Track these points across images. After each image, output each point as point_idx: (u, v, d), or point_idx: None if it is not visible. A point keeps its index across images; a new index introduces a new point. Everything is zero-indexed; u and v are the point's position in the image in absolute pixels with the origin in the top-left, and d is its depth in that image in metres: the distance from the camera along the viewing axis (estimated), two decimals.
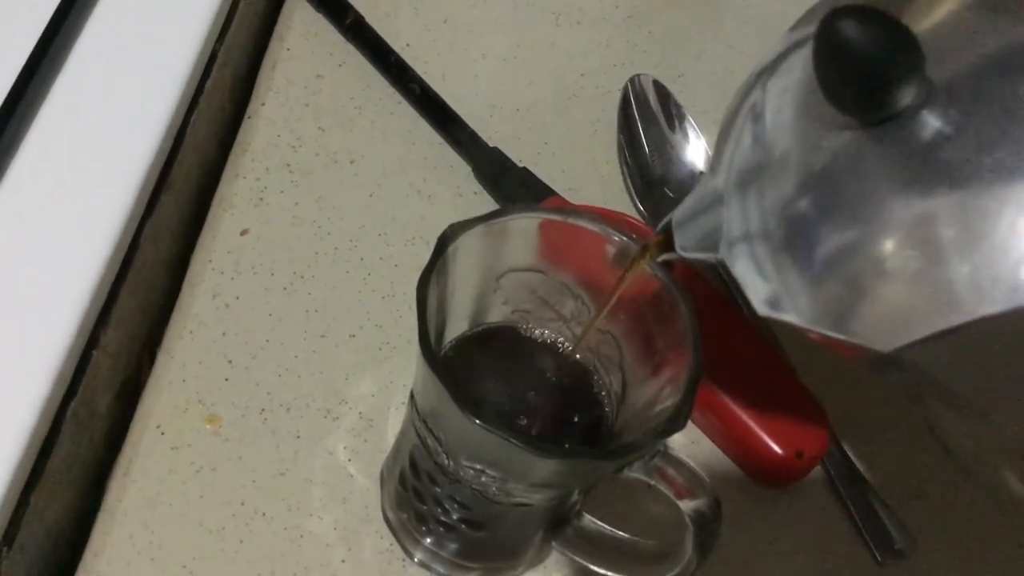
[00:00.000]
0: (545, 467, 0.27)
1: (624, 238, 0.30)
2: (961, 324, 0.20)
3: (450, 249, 0.29)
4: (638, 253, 0.30)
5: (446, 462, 0.30)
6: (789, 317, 0.24)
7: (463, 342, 0.33)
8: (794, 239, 0.23)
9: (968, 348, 0.21)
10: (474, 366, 0.33)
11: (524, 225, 0.31)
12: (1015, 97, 0.20)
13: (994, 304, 0.20)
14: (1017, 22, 0.22)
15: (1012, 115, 0.20)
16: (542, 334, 0.34)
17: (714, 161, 0.27)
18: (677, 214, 0.28)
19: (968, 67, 0.21)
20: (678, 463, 0.28)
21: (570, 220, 0.31)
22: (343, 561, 0.36)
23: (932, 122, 0.21)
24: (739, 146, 0.25)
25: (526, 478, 0.28)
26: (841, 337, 0.23)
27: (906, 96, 0.21)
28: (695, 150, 0.48)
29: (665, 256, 0.29)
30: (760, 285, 0.24)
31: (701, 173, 0.48)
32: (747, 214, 0.24)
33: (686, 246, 0.27)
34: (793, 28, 0.27)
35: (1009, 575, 0.40)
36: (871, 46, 0.20)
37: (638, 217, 0.47)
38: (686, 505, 0.28)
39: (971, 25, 0.22)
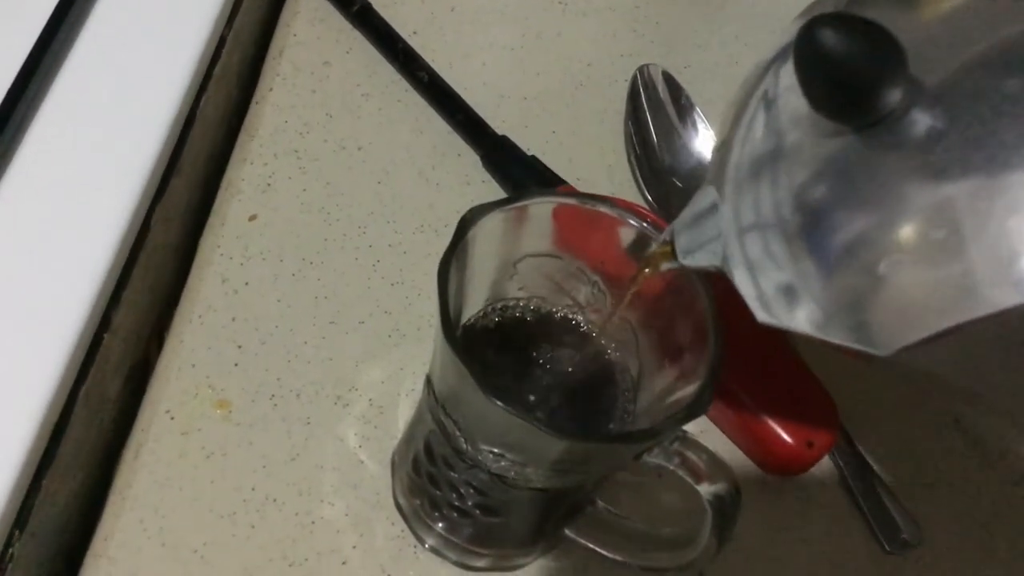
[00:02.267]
0: (566, 451, 0.27)
1: (641, 224, 0.30)
2: (953, 326, 0.20)
3: (470, 233, 0.29)
4: (645, 261, 0.30)
5: (464, 446, 0.30)
6: (798, 313, 0.23)
7: (478, 326, 0.33)
8: (810, 225, 0.23)
9: (964, 347, 0.21)
10: (492, 350, 0.33)
11: (543, 210, 0.31)
12: (1001, 94, 0.20)
13: (985, 305, 0.20)
14: (1003, 19, 0.22)
15: (998, 112, 0.20)
16: (559, 320, 0.34)
17: (716, 157, 0.27)
18: (677, 222, 0.28)
19: (954, 66, 0.21)
20: (698, 447, 0.28)
21: (588, 205, 0.31)
22: (354, 547, 0.36)
23: (920, 123, 0.21)
24: (751, 134, 0.25)
25: (545, 462, 0.28)
26: (848, 340, 0.23)
27: (892, 98, 0.21)
28: (703, 140, 0.48)
29: (668, 265, 0.29)
30: (773, 275, 0.24)
31: (706, 183, 0.48)
32: (760, 202, 0.24)
33: (686, 254, 0.27)
34: (802, 15, 0.26)
35: (1015, 566, 0.40)
36: (851, 53, 0.20)
37: (645, 207, 0.47)
38: (705, 490, 0.28)
39: (957, 23, 0.22)
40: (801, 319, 0.23)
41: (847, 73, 0.20)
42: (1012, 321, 0.20)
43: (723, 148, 0.26)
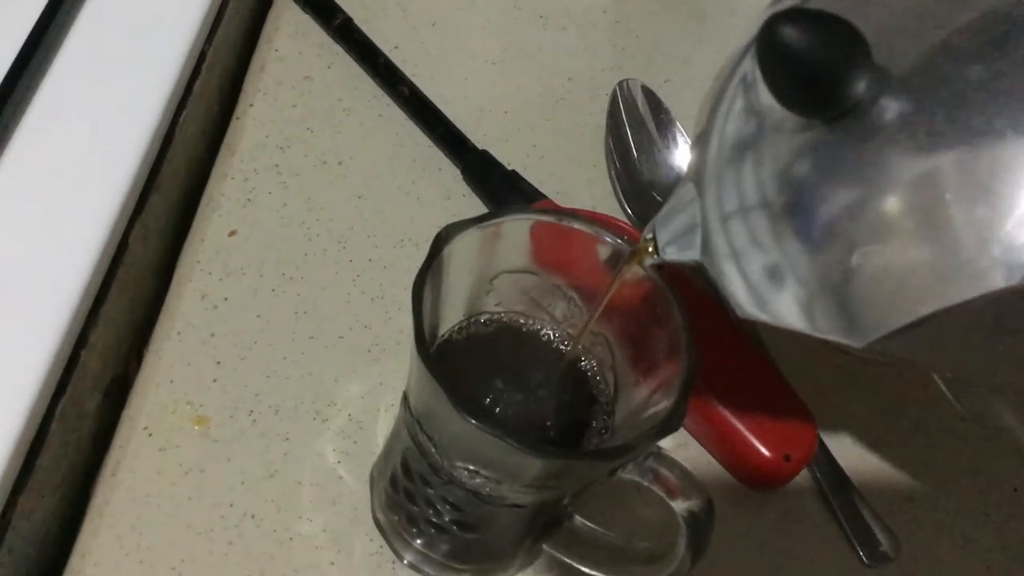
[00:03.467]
0: (540, 468, 0.27)
1: (617, 240, 0.31)
2: (925, 316, 0.21)
3: (445, 250, 0.29)
4: (627, 258, 0.30)
5: (440, 463, 0.30)
6: (782, 297, 0.23)
7: (454, 342, 0.33)
8: (793, 205, 0.23)
9: (940, 335, 0.22)
10: (467, 367, 0.33)
11: (518, 227, 0.31)
12: (965, 81, 0.20)
13: (956, 294, 0.20)
14: (963, 3, 0.22)
15: (964, 99, 0.20)
16: (535, 335, 0.34)
17: (695, 151, 0.27)
18: (657, 217, 0.28)
19: (919, 54, 0.21)
20: (671, 464, 0.28)
21: (564, 222, 0.31)
22: (332, 563, 0.36)
23: (889, 110, 0.21)
24: (731, 118, 0.25)
25: (520, 479, 0.28)
26: (832, 326, 0.23)
27: (858, 89, 0.21)
28: (683, 155, 0.48)
29: (651, 261, 0.29)
30: (757, 258, 0.24)
31: (683, 178, 0.48)
32: (743, 184, 0.24)
33: (667, 248, 0.27)
34: (772, 4, 0.27)
35: None
36: (813, 47, 0.20)
37: (626, 220, 0.47)
38: (679, 506, 0.28)
39: (918, 10, 0.23)
40: (785, 303, 0.23)
41: (811, 68, 0.21)
42: (982, 308, 0.20)
43: (702, 140, 0.26)
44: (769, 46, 0.21)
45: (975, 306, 0.20)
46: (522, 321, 0.34)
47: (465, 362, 0.33)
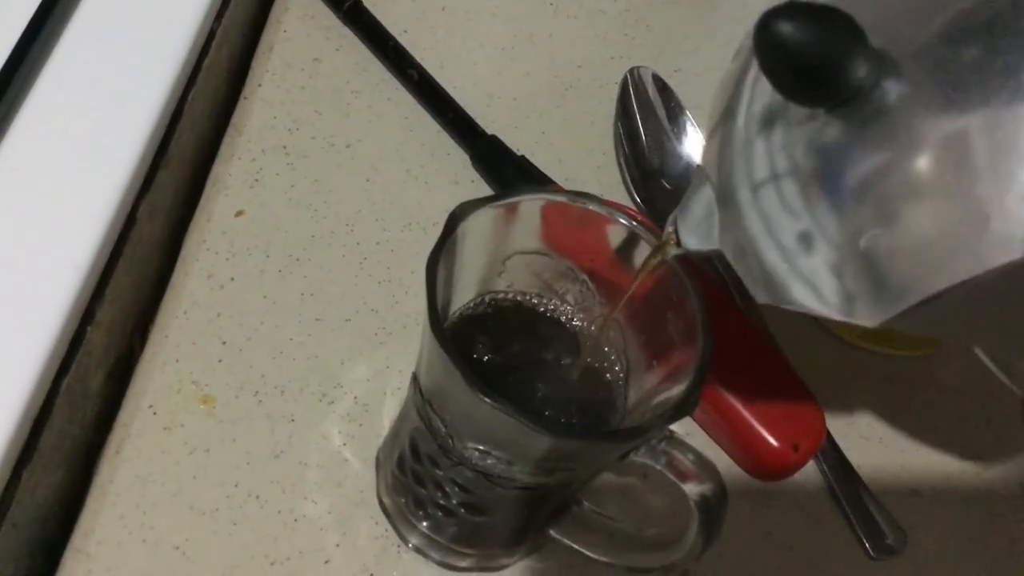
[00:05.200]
0: (552, 448, 0.27)
1: (632, 223, 0.30)
2: (927, 297, 0.21)
3: (459, 228, 0.28)
4: (651, 253, 0.30)
5: (450, 443, 0.29)
6: (813, 261, 0.23)
7: (465, 322, 0.33)
8: (811, 184, 0.23)
9: (955, 309, 0.22)
10: (478, 346, 0.33)
11: (532, 207, 0.31)
12: (960, 61, 0.21)
13: (964, 269, 0.20)
14: None
15: (959, 79, 0.20)
16: (547, 317, 0.34)
17: (717, 133, 0.27)
18: (677, 210, 0.28)
19: (916, 37, 0.21)
20: (684, 447, 0.28)
21: (577, 203, 0.31)
22: (337, 545, 0.36)
23: (891, 92, 0.21)
24: (758, 90, 0.25)
25: (531, 459, 0.28)
26: (864, 292, 0.23)
27: (858, 75, 0.21)
28: (692, 143, 0.48)
29: (675, 252, 0.29)
30: (789, 226, 0.24)
31: (698, 166, 0.48)
32: (773, 153, 0.24)
33: (688, 239, 0.27)
34: None
35: (998, 572, 0.40)
36: (809, 39, 0.20)
37: (634, 208, 0.47)
38: (691, 490, 0.28)
39: None
40: (830, 243, 0.23)
41: (808, 59, 0.21)
42: (992, 281, 0.20)
43: (725, 117, 0.26)
44: (765, 42, 0.21)
45: (984, 280, 0.20)
46: (534, 302, 0.34)
47: (476, 341, 0.33)
